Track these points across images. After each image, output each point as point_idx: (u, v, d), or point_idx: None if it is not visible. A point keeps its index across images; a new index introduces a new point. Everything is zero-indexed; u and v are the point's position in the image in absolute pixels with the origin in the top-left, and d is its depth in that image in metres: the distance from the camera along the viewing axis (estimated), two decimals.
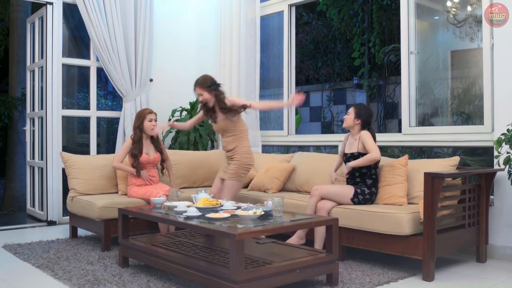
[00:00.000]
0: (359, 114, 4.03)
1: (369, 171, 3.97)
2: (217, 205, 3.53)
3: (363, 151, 3.95)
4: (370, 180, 3.95)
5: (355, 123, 4.04)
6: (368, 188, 3.94)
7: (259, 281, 2.83)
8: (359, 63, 9.94)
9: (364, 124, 4.04)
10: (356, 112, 4.04)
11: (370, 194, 3.92)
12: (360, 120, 4.02)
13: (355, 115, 4.04)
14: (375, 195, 3.96)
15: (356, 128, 4.05)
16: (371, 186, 3.95)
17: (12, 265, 3.83)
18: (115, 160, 4.62)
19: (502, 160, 3.54)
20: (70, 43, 7.74)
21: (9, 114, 8.19)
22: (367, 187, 3.94)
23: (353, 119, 4.04)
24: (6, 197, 7.78)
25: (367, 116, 4.05)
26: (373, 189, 3.94)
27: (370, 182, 3.95)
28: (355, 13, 9.92)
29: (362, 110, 4.08)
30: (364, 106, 4.20)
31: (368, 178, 3.96)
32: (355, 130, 4.06)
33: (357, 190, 3.91)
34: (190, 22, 6.57)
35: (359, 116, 4.03)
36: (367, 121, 4.05)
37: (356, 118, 4.03)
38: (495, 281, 3.41)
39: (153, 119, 4.58)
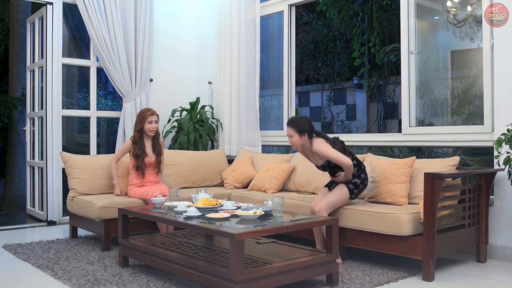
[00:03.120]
0: (301, 129, 3.78)
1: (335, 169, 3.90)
2: (217, 205, 3.53)
3: (322, 164, 3.87)
4: (354, 167, 3.85)
5: (303, 140, 3.81)
6: (358, 177, 3.85)
7: (259, 281, 2.83)
8: (359, 63, 9.94)
9: (310, 134, 3.81)
10: (296, 130, 3.78)
11: (362, 182, 3.86)
12: (306, 134, 3.79)
13: (299, 134, 3.78)
14: (366, 180, 3.91)
15: (307, 143, 3.83)
16: (359, 174, 3.86)
17: (12, 265, 3.83)
18: (113, 158, 4.64)
19: (502, 160, 3.54)
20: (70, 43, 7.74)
21: (9, 114, 8.19)
22: (356, 177, 3.85)
23: (299, 139, 3.79)
24: (6, 197, 7.78)
25: (307, 125, 3.80)
26: (362, 175, 3.86)
27: (355, 170, 3.85)
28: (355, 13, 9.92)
29: (300, 123, 3.80)
30: (297, 119, 3.89)
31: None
32: (307, 145, 3.85)
33: (350, 187, 3.82)
34: (190, 22, 6.57)
35: (302, 132, 3.78)
36: (310, 129, 3.81)
37: (301, 135, 3.79)
38: (495, 281, 3.41)
39: (153, 121, 4.55)
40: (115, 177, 4.61)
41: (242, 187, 5.25)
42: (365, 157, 4.51)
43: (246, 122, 5.88)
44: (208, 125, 6.12)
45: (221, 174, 5.51)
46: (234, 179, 5.26)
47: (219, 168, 5.55)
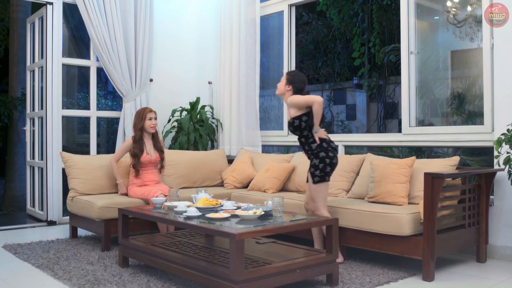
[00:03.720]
0: (292, 80, 3.82)
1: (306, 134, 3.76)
2: (217, 205, 3.53)
3: (295, 115, 3.74)
4: (314, 143, 3.74)
5: (286, 90, 3.82)
6: (316, 156, 3.71)
7: (259, 281, 2.83)
8: (359, 63, 9.93)
9: (296, 91, 3.81)
10: (288, 78, 3.84)
11: (321, 161, 3.67)
12: (292, 86, 3.80)
13: (286, 82, 3.83)
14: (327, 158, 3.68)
15: (288, 95, 3.82)
16: (317, 152, 3.71)
17: (12, 265, 3.83)
18: (113, 157, 4.65)
19: (502, 160, 3.54)
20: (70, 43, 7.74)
21: (9, 114, 8.18)
22: (314, 156, 3.72)
23: (284, 86, 3.84)
24: (6, 197, 7.78)
25: (299, 82, 3.82)
26: (321, 153, 3.68)
27: (314, 146, 3.73)
28: (355, 13, 9.92)
29: (295, 76, 3.85)
30: (297, 73, 3.94)
31: (311, 142, 3.75)
32: (286, 97, 3.84)
33: (311, 170, 3.71)
34: (190, 22, 6.57)
35: (291, 83, 3.81)
36: (298, 87, 3.81)
37: (287, 84, 3.82)
38: (495, 281, 3.41)
39: (152, 117, 4.60)
40: (118, 176, 4.62)
41: (242, 187, 5.25)
42: (365, 157, 4.52)
43: (246, 122, 5.88)
44: (208, 125, 6.12)
45: (221, 174, 5.51)
46: (234, 179, 5.26)
47: (219, 168, 5.55)
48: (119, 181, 4.61)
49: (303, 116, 3.71)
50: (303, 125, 3.73)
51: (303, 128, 3.74)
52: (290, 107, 3.78)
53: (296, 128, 3.76)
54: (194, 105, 6.11)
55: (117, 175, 4.62)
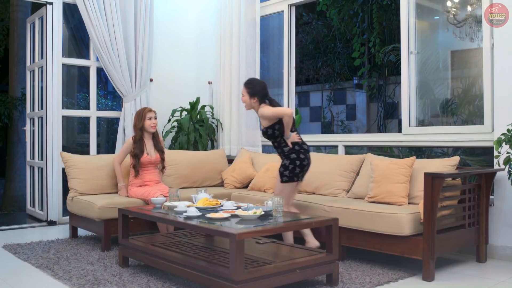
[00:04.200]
0: (254, 92, 3.93)
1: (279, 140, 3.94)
2: (217, 205, 3.53)
3: (267, 125, 3.91)
4: (286, 147, 3.92)
5: (253, 102, 3.95)
6: (287, 157, 3.89)
7: (259, 281, 2.83)
8: (359, 63, 9.94)
9: (262, 99, 3.95)
10: (249, 92, 3.94)
11: (292, 162, 3.86)
12: (256, 97, 3.93)
13: (249, 96, 3.94)
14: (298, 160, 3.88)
15: (256, 106, 3.96)
16: (288, 154, 3.90)
17: (12, 265, 3.83)
18: (116, 160, 4.64)
19: (502, 160, 3.54)
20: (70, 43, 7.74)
21: (9, 114, 8.18)
22: (286, 157, 3.90)
23: (249, 100, 3.95)
24: (6, 197, 7.78)
25: (261, 89, 3.95)
26: (292, 155, 3.88)
27: (287, 149, 3.92)
28: (355, 13, 9.92)
29: (255, 86, 3.96)
30: (254, 81, 4.06)
31: (284, 146, 3.94)
32: (256, 108, 3.98)
33: (280, 170, 3.91)
34: (190, 22, 6.57)
35: (254, 94, 3.93)
36: (263, 95, 3.95)
37: (251, 97, 3.94)
38: (495, 281, 3.41)
39: (152, 117, 4.61)
40: (120, 179, 4.61)
41: (242, 187, 5.25)
42: (365, 157, 4.52)
43: (246, 122, 5.88)
44: (208, 125, 6.12)
45: (221, 174, 5.51)
46: (234, 179, 5.26)
47: (219, 168, 5.55)
48: (120, 184, 4.61)
49: (275, 125, 3.91)
50: (276, 133, 3.93)
51: (276, 135, 3.94)
52: (263, 119, 3.95)
53: (270, 136, 3.97)
54: (194, 105, 6.11)
55: (120, 178, 4.62)
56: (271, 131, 3.92)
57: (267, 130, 3.93)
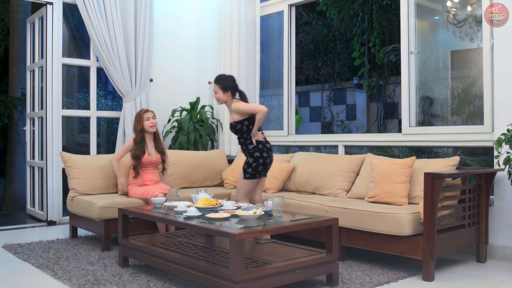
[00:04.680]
0: (225, 86, 4.11)
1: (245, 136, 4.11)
2: (217, 205, 3.53)
3: (238, 120, 4.07)
4: (250, 144, 4.10)
5: (227, 96, 4.13)
6: (251, 155, 4.08)
7: (259, 281, 2.83)
8: (359, 63, 9.94)
9: (234, 92, 4.15)
10: (221, 86, 4.12)
11: (255, 160, 4.06)
12: (229, 91, 4.12)
13: (222, 90, 4.13)
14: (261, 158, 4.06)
15: (230, 100, 4.15)
16: (252, 151, 4.08)
17: (12, 265, 3.83)
18: (114, 158, 4.64)
19: (502, 160, 3.54)
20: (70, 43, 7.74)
21: (9, 114, 8.18)
22: (250, 155, 4.09)
23: (223, 95, 4.12)
24: (6, 197, 7.78)
25: (231, 82, 4.15)
26: (256, 153, 4.07)
27: (251, 147, 4.10)
28: (355, 13, 9.92)
29: (225, 81, 4.15)
30: (223, 76, 4.24)
31: (249, 143, 4.11)
32: (228, 102, 4.16)
33: (244, 167, 4.09)
34: (190, 22, 6.57)
35: (226, 88, 4.11)
36: (234, 88, 4.16)
37: (224, 92, 4.12)
38: (495, 281, 3.41)
39: (150, 117, 4.60)
40: (120, 175, 4.60)
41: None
42: (365, 157, 4.52)
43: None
44: (208, 125, 6.12)
45: (221, 174, 5.51)
46: (234, 179, 5.26)
47: (219, 168, 5.55)
48: (120, 180, 4.60)
49: (245, 121, 4.08)
50: (244, 129, 4.10)
51: (243, 131, 4.11)
52: (235, 112, 4.09)
53: (238, 131, 4.14)
54: (194, 105, 6.11)
55: (119, 174, 4.61)
56: (240, 126, 4.09)
57: (236, 124, 4.09)
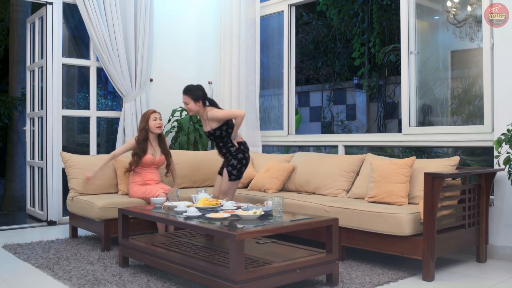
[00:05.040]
0: (196, 96, 4.20)
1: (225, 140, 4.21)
2: (217, 205, 3.53)
3: (216, 127, 4.18)
4: (233, 147, 4.24)
5: (198, 106, 4.22)
6: (235, 157, 4.22)
7: (259, 281, 2.83)
8: (359, 63, 9.94)
9: (204, 100, 4.24)
10: (192, 97, 4.20)
11: (239, 161, 4.22)
12: (200, 101, 4.21)
13: (194, 101, 4.20)
14: (244, 159, 4.26)
15: (201, 109, 4.23)
16: (236, 154, 4.22)
17: (12, 265, 3.83)
18: (112, 152, 4.70)
19: (502, 160, 3.54)
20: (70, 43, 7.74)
21: (9, 114, 8.19)
22: (233, 157, 4.22)
23: (195, 105, 4.20)
24: (6, 197, 7.78)
25: (201, 93, 4.22)
26: (239, 155, 4.22)
27: (234, 149, 4.24)
28: (355, 13, 9.92)
29: (195, 91, 4.22)
30: (192, 87, 4.29)
31: (230, 146, 4.24)
32: (200, 111, 4.25)
33: (228, 169, 4.18)
34: (190, 22, 6.57)
35: (197, 98, 4.20)
36: (204, 96, 4.24)
37: (196, 102, 4.20)
38: (495, 281, 3.41)
39: (157, 117, 4.62)
40: (97, 168, 4.54)
41: (242, 187, 5.24)
42: (365, 157, 4.52)
43: (246, 122, 5.87)
44: None
45: None
46: None
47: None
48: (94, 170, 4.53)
49: (223, 126, 4.20)
50: (224, 134, 4.23)
51: (223, 136, 4.24)
52: (212, 120, 4.18)
53: (218, 137, 4.24)
54: None
55: (99, 167, 4.55)
56: (219, 132, 4.19)
57: (215, 131, 4.19)
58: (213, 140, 4.33)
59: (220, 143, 4.29)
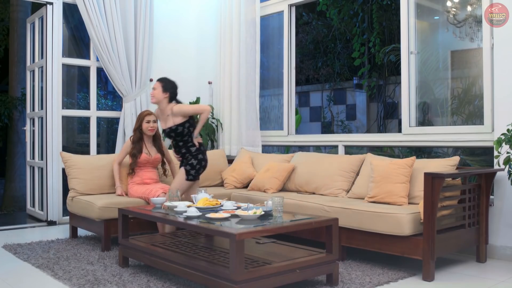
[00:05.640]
0: (167, 87, 4.15)
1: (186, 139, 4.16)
2: (217, 205, 3.53)
3: (179, 123, 4.10)
4: (193, 146, 4.19)
5: (164, 97, 4.15)
6: (195, 157, 4.17)
7: (259, 281, 2.83)
8: (359, 63, 9.94)
9: (172, 97, 4.18)
10: (162, 86, 4.15)
11: (199, 162, 4.17)
12: (168, 93, 4.15)
13: (163, 89, 4.14)
14: (203, 161, 4.23)
15: (165, 102, 4.16)
16: (196, 154, 4.18)
17: (12, 265, 3.83)
18: (115, 160, 4.67)
19: (502, 160, 3.54)
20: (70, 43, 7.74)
21: (9, 114, 8.19)
22: (193, 157, 4.17)
23: (161, 93, 4.14)
24: (6, 197, 7.78)
25: (173, 88, 4.19)
26: (199, 155, 4.19)
27: (194, 149, 4.19)
28: (355, 13, 9.92)
29: (169, 83, 4.19)
30: (169, 80, 4.27)
31: (190, 146, 4.19)
32: (163, 104, 4.16)
33: (187, 168, 4.12)
34: (190, 22, 6.57)
35: (167, 90, 4.15)
36: (174, 93, 4.20)
37: (164, 92, 4.14)
38: (495, 281, 3.41)
39: (151, 120, 4.60)
40: (117, 180, 4.62)
41: (242, 187, 5.25)
42: (365, 157, 4.52)
43: (246, 122, 5.88)
44: (208, 125, 6.12)
45: (221, 174, 5.51)
46: (234, 179, 5.26)
47: (219, 168, 5.54)
48: (117, 185, 4.61)
49: (186, 123, 4.13)
50: (186, 131, 4.15)
51: (185, 134, 4.16)
52: (176, 115, 4.10)
53: (179, 134, 4.16)
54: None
55: (117, 178, 4.63)
56: (181, 129, 4.10)
57: (178, 127, 4.09)
58: (173, 138, 4.23)
59: (180, 142, 4.20)
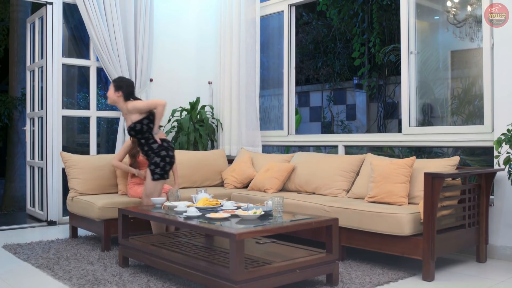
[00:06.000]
0: (119, 86, 4.05)
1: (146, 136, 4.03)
2: (217, 205, 3.53)
3: (136, 120, 3.98)
4: (155, 143, 4.03)
5: (117, 96, 4.05)
6: (157, 154, 4.01)
7: (259, 281, 2.83)
8: (359, 63, 9.94)
9: (126, 95, 4.06)
10: (114, 85, 4.08)
11: (162, 159, 4.00)
12: (121, 92, 4.04)
13: (114, 89, 4.06)
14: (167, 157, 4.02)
15: (120, 101, 4.06)
16: (158, 150, 4.01)
17: (12, 265, 3.83)
18: (114, 158, 4.65)
19: (502, 160, 3.54)
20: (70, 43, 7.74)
21: (9, 114, 8.19)
22: (156, 155, 4.01)
23: (114, 93, 4.05)
24: (6, 197, 7.78)
25: (127, 86, 4.08)
26: (162, 152, 4.01)
27: (156, 146, 4.03)
28: (355, 13, 9.92)
29: (122, 82, 4.11)
30: (122, 78, 4.21)
31: (152, 143, 4.04)
32: (120, 104, 4.08)
33: (151, 168, 4.00)
34: (190, 22, 6.57)
35: (119, 88, 4.04)
36: (129, 91, 4.07)
37: (116, 91, 4.04)
38: (495, 281, 3.41)
39: None
40: (131, 170, 4.55)
41: (242, 187, 5.25)
42: (365, 157, 4.52)
43: (246, 122, 5.88)
44: (208, 125, 6.12)
45: (221, 174, 5.51)
46: (234, 179, 5.26)
47: (219, 168, 5.55)
48: (136, 172, 4.52)
49: (144, 120, 3.99)
50: (145, 128, 4.00)
51: (145, 131, 4.01)
52: (132, 113, 3.99)
53: (138, 131, 4.01)
54: (194, 105, 6.11)
55: (129, 169, 4.56)
56: (140, 126, 3.99)
57: (135, 125, 3.98)
58: (134, 137, 4.13)
59: (141, 139, 4.06)
